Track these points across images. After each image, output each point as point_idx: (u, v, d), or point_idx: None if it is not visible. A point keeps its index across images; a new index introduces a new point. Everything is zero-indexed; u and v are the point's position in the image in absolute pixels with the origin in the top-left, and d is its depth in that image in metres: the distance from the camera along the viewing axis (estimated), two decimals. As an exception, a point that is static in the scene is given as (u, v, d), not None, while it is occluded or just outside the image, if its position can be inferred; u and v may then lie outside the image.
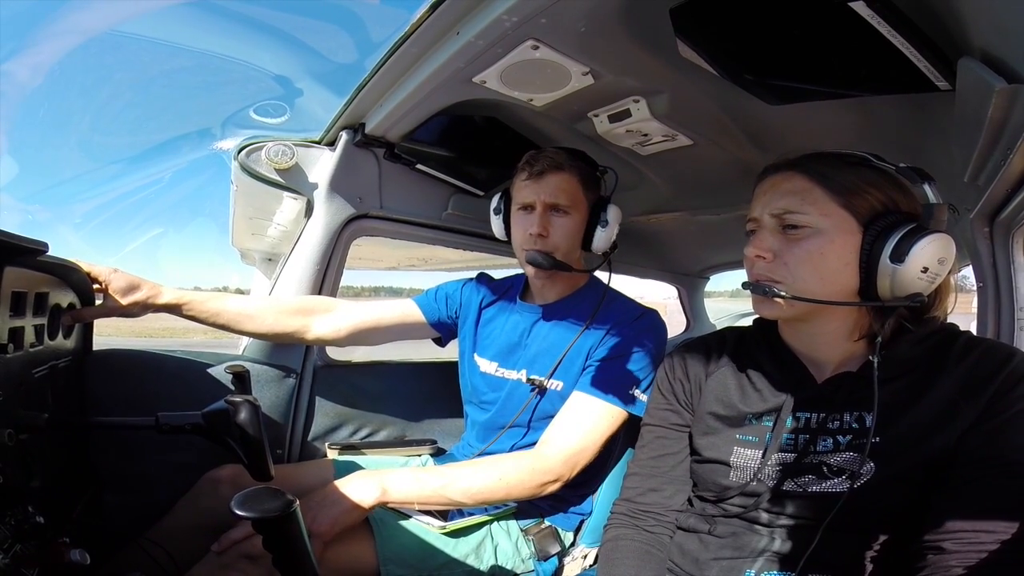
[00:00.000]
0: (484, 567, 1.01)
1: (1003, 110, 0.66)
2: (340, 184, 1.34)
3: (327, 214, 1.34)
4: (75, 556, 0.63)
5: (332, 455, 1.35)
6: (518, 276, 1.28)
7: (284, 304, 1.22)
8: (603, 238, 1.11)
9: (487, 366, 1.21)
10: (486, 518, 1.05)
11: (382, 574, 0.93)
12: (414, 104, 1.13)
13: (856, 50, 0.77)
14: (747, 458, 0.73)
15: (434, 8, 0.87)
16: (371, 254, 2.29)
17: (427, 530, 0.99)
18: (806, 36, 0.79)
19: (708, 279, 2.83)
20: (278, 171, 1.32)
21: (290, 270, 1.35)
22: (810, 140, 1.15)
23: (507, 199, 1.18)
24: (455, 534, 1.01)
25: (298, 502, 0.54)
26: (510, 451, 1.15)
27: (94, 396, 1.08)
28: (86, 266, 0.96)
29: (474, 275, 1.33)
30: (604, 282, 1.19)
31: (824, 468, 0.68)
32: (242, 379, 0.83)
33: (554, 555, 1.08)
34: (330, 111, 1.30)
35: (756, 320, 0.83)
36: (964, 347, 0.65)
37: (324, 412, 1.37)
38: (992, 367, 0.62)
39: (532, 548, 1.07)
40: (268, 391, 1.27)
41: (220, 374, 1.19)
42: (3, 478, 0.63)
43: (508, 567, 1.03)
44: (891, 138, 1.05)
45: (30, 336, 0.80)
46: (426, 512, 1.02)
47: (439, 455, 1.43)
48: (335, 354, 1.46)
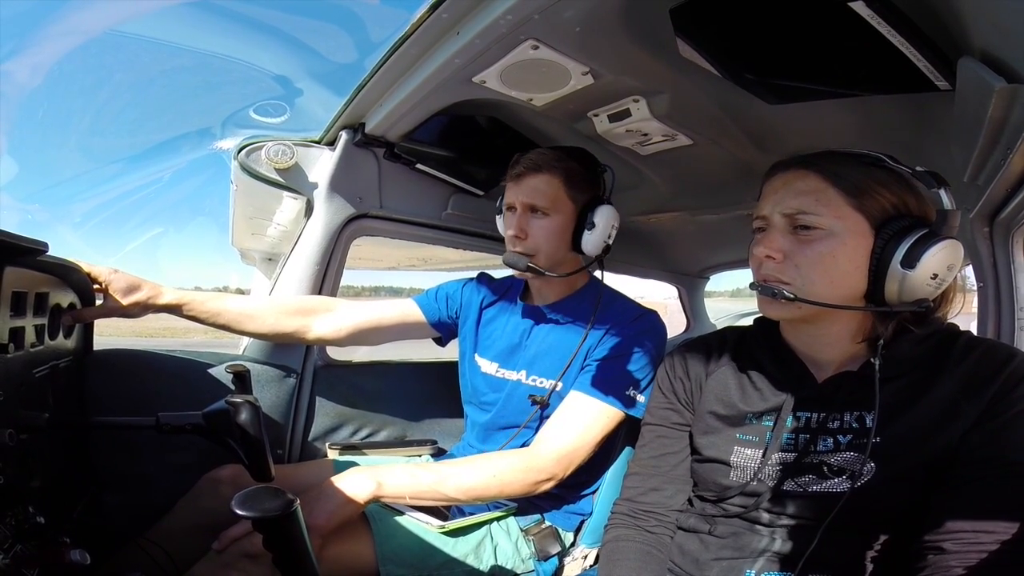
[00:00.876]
0: (484, 567, 1.01)
1: (1003, 110, 0.66)
2: (340, 184, 1.34)
3: (327, 214, 1.34)
4: (75, 556, 0.63)
5: (332, 455, 1.35)
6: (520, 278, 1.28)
7: (284, 304, 1.22)
8: (590, 241, 1.07)
9: (488, 367, 1.21)
10: (486, 517, 1.05)
11: (381, 573, 0.93)
12: (414, 104, 1.13)
13: (856, 50, 0.77)
14: (747, 458, 0.73)
15: (434, 8, 0.87)
16: (371, 254, 2.29)
17: (426, 529, 0.99)
18: (806, 36, 0.79)
19: (708, 279, 2.83)
20: (278, 171, 1.32)
21: (290, 270, 1.35)
22: (810, 140, 1.15)
23: None
24: (454, 533, 1.01)
25: (298, 501, 0.54)
26: (501, 448, 1.15)
27: (94, 396, 1.08)
28: (86, 266, 0.96)
29: (475, 275, 1.33)
30: (606, 286, 1.19)
31: (824, 468, 0.68)
32: (242, 379, 0.83)
33: (554, 555, 1.08)
34: (330, 111, 1.30)
35: (757, 319, 0.83)
36: (965, 347, 0.65)
37: (324, 412, 1.37)
38: (993, 367, 0.62)
39: (532, 548, 1.07)
40: (268, 391, 1.27)
41: (220, 374, 1.19)
42: (3, 478, 0.63)
43: (508, 567, 1.03)
44: (891, 138, 1.05)
45: (30, 336, 0.80)
46: (426, 511, 1.02)
47: (439, 455, 1.43)
48: (335, 354, 1.46)
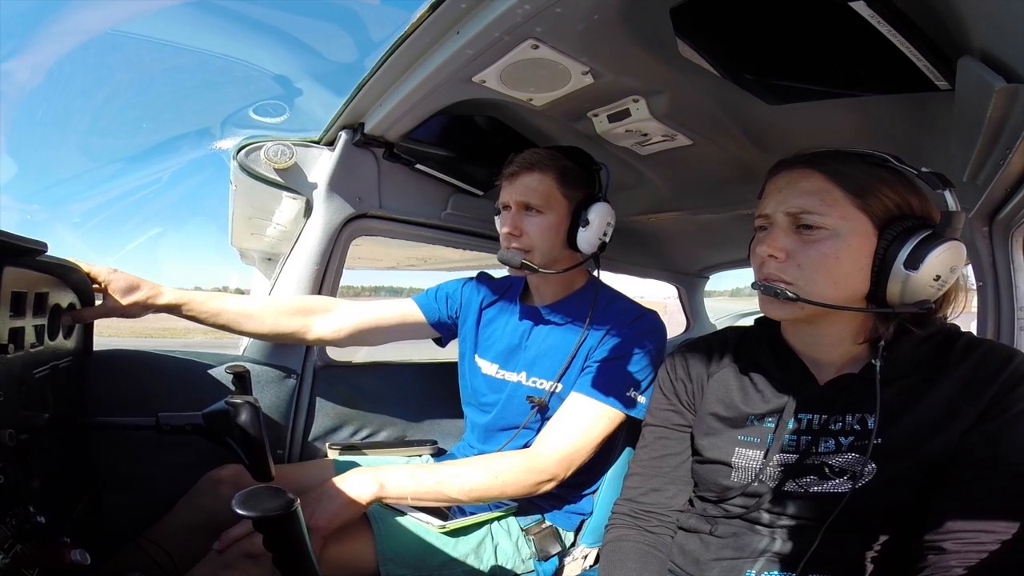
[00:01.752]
0: (484, 567, 1.01)
1: (1003, 109, 0.66)
2: (339, 184, 1.34)
3: (326, 214, 1.34)
4: (75, 556, 0.63)
5: (332, 455, 1.35)
6: (518, 276, 1.27)
7: (284, 304, 1.22)
8: (585, 238, 1.08)
9: (488, 368, 1.21)
10: (486, 517, 1.05)
11: (382, 573, 0.93)
12: (413, 104, 1.13)
13: (856, 50, 0.77)
14: (749, 459, 0.73)
15: (434, 8, 0.87)
16: (371, 254, 2.29)
17: (427, 529, 0.99)
18: (806, 36, 0.79)
19: (708, 278, 2.83)
20: (277, 171, 1.32)
21: (290, 270, 1.35)
22: (810, 140, 1.15)
23: None
24: (455, 533, 1.01)
25: (299, 501, 0.54)
26: (503, 449, 1.15)
27: (94, 396, 1.08)
28: (86, 266, 0.96)
29: (474, 274, 1.33)
30: (606, 285, 1.18)
31: (826, 469, 0.68)
32: (242, 379, 0.83)
33: (554, 555, 1.08)
34: (329, 111, 1.30)
35: (758, 320, 0.83)
36: (965, 348, 0.65)
37: (324, 412, 1.37)
38: (993, 368, 0.62)
39: (532, 548, 1.07)
40: (268, 391, 1.27)
41: (220, 374, 1.19)
42: (4, 478, 0.63)
43: (508, 567, 1.03)
44: (891, 138, 1.05)
45: (30, 336, 0.80)
46: (426, 511, 1.02)
47: (439, 455, 1.43)
48: (335, 354, 1.46)
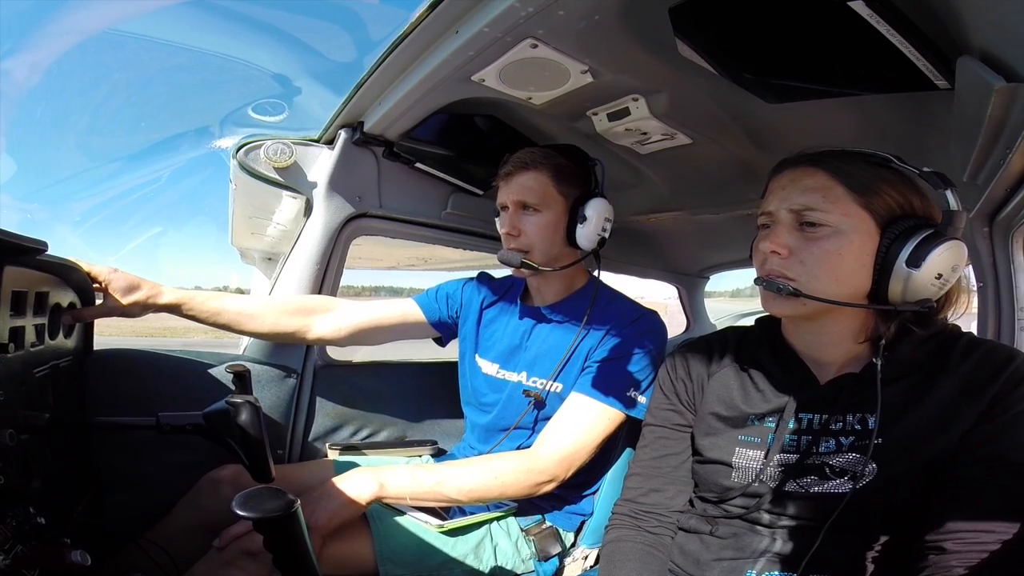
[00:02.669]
0: (483, 567, 1.01)
1: (1002, 109, 0.66)
2: (339, 183, 1.34)
3: (326, 213, 1.34)
4: (76, 557, 0.62)
5: (333, 455, 1.35)
6: (519, 277, 1.27)
7: (285, 304, 1.22)
8: (583, 234, 1.08)
9: (488, 368, 1.21)
10: (485, 517, 1.05)
11: (381, 573, 0.93)
12: (413, 102, 1.13)
13: (855, 49, 0.77)
14: (749, 459, 0.73)
15: (433, 7, 0.87)
16: (371, 254, 2.29)
17: (426, 529, 0.99)
18: (806, 35, 0.79)
19: (708, 279, 2.82)
20: (277, 170, 1.31)
21: (290, 269, 1.35)
22: (809, 139, 1.15)
23: None
24: (454, 533, 1.01)
25: (299, 502, 0.54)
26: (500, 449, 1.15)
27: (95, 396, 1.08)
28: (86, 266, 0.96)
29: (475, 274, 1.33)
30: (606, 286, 1.19)
31: (826, 469, 0.68)
32: (243, 379, 0.83)
33: (555, 555, 1.08)
34: (329, 109, 1.29)
35: (759, 320, 0.83)
36: (966, 349, 0.65)
37: (325, 412, 1.37)
38: (993, 369, 0.62)
39: (532, 548, 1.07)
40: (269, 391, 1.27)
41: (221, 374, 1.19)
42: (4, 478, 0.63)
43: (508, 567, 1.03)
44: (890, 137, 1.05)
45: (31, 336, 0.80)
46: (425, 511, 1.02)
47: (440, 455, 1.43)
48: (335, 354, 1.46)
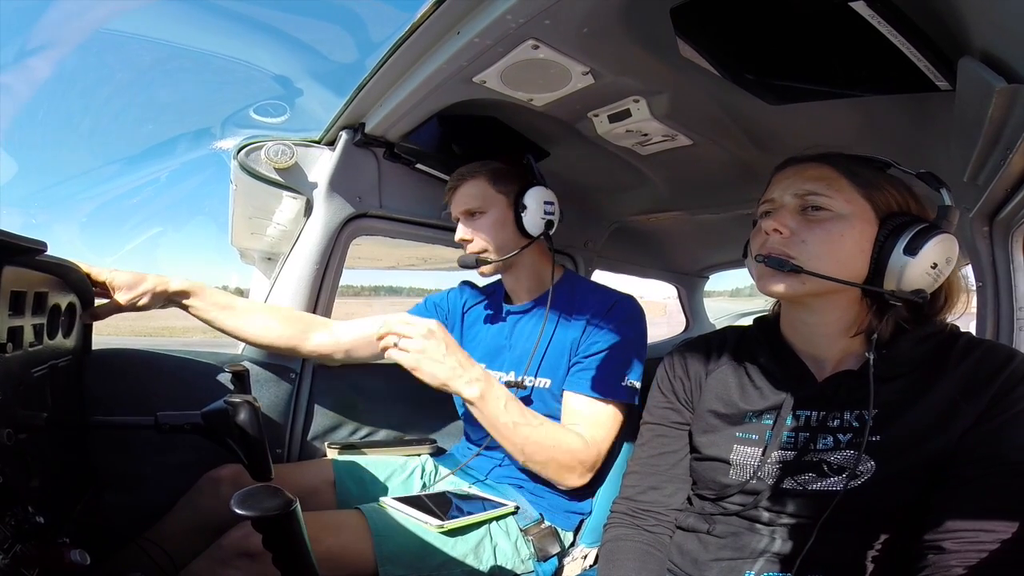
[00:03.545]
0: (483, 567, 1.01)
1: (1003, 110, 0.66)
2: (340, 183, 1.34)
3: (327, 213, 1.34)
4: (75, 556, 0.62)
5: (332, 455, 1.35)
6: (498, 280, 1.32)
7: (287, 311, 1.26)
8: (529, 221, 1.15)
9: None
10: (485, 517, 1.05)
11: (380, 573, 0.93)
12: (414, 104, 1.13)
13: (856, 50, 0.77)
14: (747, 456, 0.73)
15: (435, 8, 0.87)
16: (371, 253, 2.28)
17: (425, 529, 0.99)
18: (806, 36, 0.79)
19: (707, 278, 2.83)
20: (278, 170, 1.32)
21: (290, 269, 1.35)
22: (810, 140, 1.14)
23: None
24: (453, 533, 1.01)
25: (298, 501, 0.54)
26: (502, 451, 1.16)
27: (94, 396, 1.07)
28: (85, 267, 0.96)
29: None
30: (579, 277, 1.25)
31: (824, 466, 0.68)
32: (241, 379, 0.83)
33: (554, 555, 1.08)
34: (330, 111, 1.30)
35: (756, 319, 0.84)
36: (965, 348, 0.66)
37: (323, 412, 1.37)
38: (992, 368, 0.62)
39: (532, 548, 1.07)
40: (267, 391, 1.27)
41: (220, 374, 1.19)
42: (3, 478, 0.63)
43: (507, 567, 1.03)
44: (891, 138, 1.05)
45: (29, 336, 0.80)
46: (425, 511, 1.02)
47: (439, 455, 1.43)
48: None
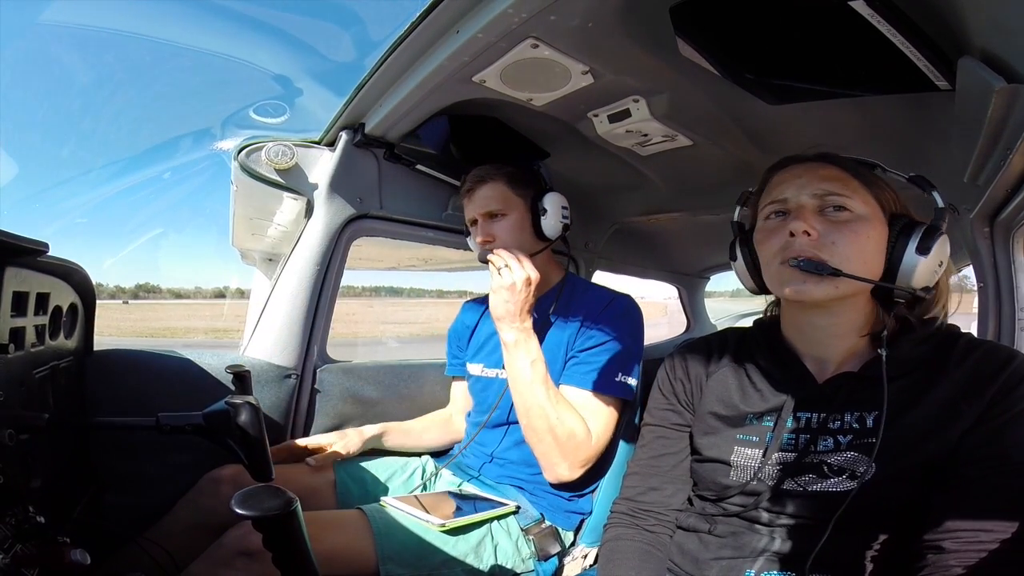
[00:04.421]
0: (484, 566, 1.01)
1: (1003, 110, 0.66)
2: (340, 184, 1.34)
3: (327, 214, 1.34)
4: (75, 556, 0.62)
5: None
6: None
7: (437, 417, 1.43)
8: (548, 225, 1.20)
9: (474, 369, 1.29)
10: (486, 516, 1.05)
11: (381, 573, 0.93)
12: (414, 104, 1.13)
13: (856, 50, 0.77)
14: (747, 457, 0.73)
15: (434, 7, 0.87)
16: (371, 254, 2.28)
17: (426, 528, 0.99)
18: (806, 36, 0.79)
19: (708, 279, 2.83)
20: (278, 171, 1.32)
21: (291, 270, 1.35)
22: (810, 140, 1.14)
23: None
24: (454, 532, 1.01)
25: (298, 501, 0.54)
26: (500, 444, 1.21)
27: (95, 396, 1.08)
28: (305, 442, 1.18)
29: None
30: (580, 279, 1.29)
31: (824, 467, 0.68)
32: (242, 379, 0.83)
33: (554, 555, 1.08)
34: (330, 111, 1.30)
35: (756, 321, 0.84)
36: (965, 348, 0.65)
37: (324, 412, 1.37)
38: (993, 368, 0.62)
39: (532, 548, 1.07)
40: (268, 391, 1.27)
41: (220, 374, 1.19)
42: (3, 478, 0.63)
43: (508, 566, 1.03)
44: (891, 138, 1.05)
45: (31, 336, 0.80)
46: (426, 510, 1.02)
47: (440, 456, 1.44)
48: (335, 354, 1.46)
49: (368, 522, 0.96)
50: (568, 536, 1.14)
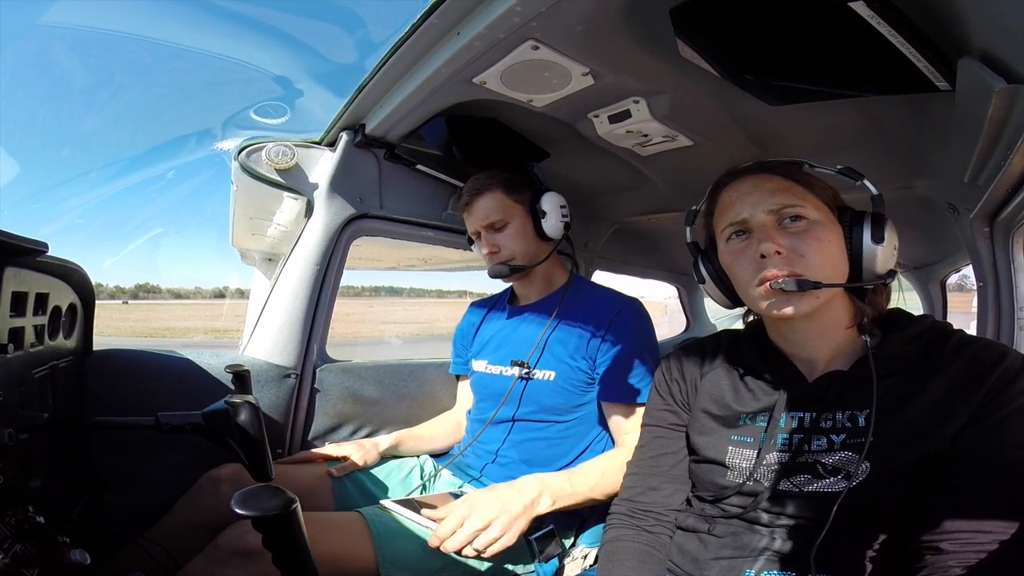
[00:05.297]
0: (484, 568, 1.00)
1: (1003, 110, 0.66)
2: (340, 184, 1.34)
3: (327, 214, 1.34)
4: (75, 556, 0.62)
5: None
6: (508, 284, 1.37)
7: (446, 419, 1.43)
8: (550, 225, 1.21)
9: (478, 365, 1.30)
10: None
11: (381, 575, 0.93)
12: (414, 105, 1.13)
13: (856, 50, 0.77)
14: (742, 458, 0.73)
15: (434, 8, 0.87)
16: (371, 254, 2.28)
17: (427, 533, 0.99)
18: (806, 36, 0.79)
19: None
20: (278, 171, 1.32)
21: (290, 270, 1.35)
22: (810, 140, 1.15)
23: None
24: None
25: (298, 501, 0.54)
26: (503, 443, 1.20)
27: (94, 396, 1.08)
28: (330, 451, 1.20)
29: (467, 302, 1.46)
30: (584, 279, 1.30)
31: (819, 467, 0.68)
32: (242, 379, 0.83)
33: (555, 555, 1.08)
34: (330, 111, 1.30)
35: (748, 323, 0.84)
36: (957, 346, 0.65)
37: (324, 412, 1.37)
38: (985, 366, 0.62)
39: (533, 548, 1.07)
40: (268, 391, 1.27)
41: (220, 374, 1.19)
42: (3, 478, 0.63)
43: (508, 567, 1.03)
44: (891, 138, 1.05)
45: (30, 336, 0.80)
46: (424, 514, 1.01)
47: (439, 456, 1.43)
48: (335, 354, 1.46)
49: (367, 526, 0.96)
50: (568, 537, 1.13)
